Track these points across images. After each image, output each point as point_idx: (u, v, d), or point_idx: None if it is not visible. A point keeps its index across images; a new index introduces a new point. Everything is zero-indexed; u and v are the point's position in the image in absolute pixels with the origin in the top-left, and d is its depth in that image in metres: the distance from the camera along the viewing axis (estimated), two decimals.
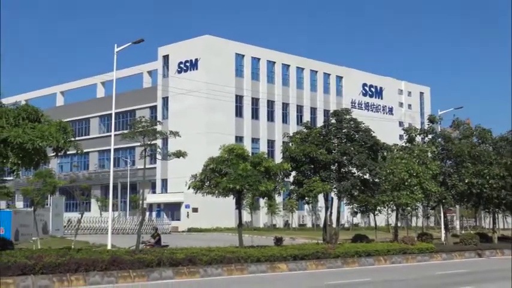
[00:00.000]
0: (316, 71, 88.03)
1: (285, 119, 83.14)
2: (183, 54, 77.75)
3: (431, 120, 43.18)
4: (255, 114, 79.93)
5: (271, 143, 79.38)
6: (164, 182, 78.39)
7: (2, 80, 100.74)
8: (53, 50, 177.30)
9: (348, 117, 36.86)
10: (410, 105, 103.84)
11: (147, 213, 71.03)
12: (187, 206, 71.07)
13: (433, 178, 37.02)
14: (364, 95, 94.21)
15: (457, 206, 56.37)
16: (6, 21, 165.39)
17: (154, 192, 79.58)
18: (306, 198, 34.97)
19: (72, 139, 22.44)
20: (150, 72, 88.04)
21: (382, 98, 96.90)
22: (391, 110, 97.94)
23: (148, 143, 27.61)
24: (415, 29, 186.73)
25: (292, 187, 36.48)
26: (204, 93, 72.22)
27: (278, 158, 47.32)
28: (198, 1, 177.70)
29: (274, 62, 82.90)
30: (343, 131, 36.44)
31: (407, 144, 41.16)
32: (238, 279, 22.35)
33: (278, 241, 31.85)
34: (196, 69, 76.00)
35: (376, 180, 36.31)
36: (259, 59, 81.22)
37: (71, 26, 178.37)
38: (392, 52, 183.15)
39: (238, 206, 30.66)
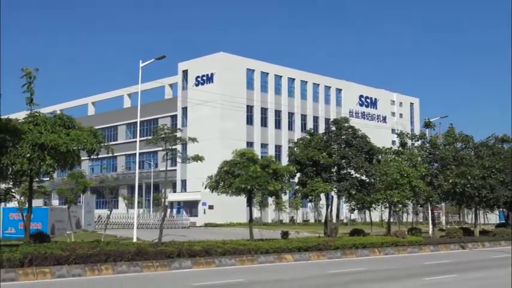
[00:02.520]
0: (318, 84, 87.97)
1: (290, 126, 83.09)
2: (200, 69, 77.89)
3: (427, 124, 43.03)
4: (263, 122, 79.96)
5: (278, 148, 79.34)
6: (183, 182, 78.48)
7: (42, 91, 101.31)
8: (85, 65, 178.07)
9: (346, 125, 36.69)
10: (401, 114, 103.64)
11: (169, 210, 71.08)
12: (204, 204, 71.10)
13: (422, 179, 36.95)
14: (361, 105, 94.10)
15: (442, 204, 56.07)
16: (47, 38, 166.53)
17: (174, 191, 79.60)
18: (309, 196, 34.80)
19: (103, 143, 22.66)
20: (171, 85, 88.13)
21: (376, 108, 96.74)
22: (384, 119, 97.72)
23: (170, 147, 27.63)
24: (408, 43, 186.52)
25: (297, 187, 36.32)
26: (218, 104, 72.28)
27: (284, 161, 47.22)
28: (214, 21, 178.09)
29: (281, 76, 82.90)
30: (343, 137, 36.27)
31: (399, 148, 41.10)
32: (249, 269, 22.28)
33: (284, 235, 31.73)
34: (212, 82, 76.12)
35: (372, 180, 36.15)
36: (267, 73, 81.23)
37: (101, 44, 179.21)
38: (386, 65, 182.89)
39: (249, 203, 30.57)
